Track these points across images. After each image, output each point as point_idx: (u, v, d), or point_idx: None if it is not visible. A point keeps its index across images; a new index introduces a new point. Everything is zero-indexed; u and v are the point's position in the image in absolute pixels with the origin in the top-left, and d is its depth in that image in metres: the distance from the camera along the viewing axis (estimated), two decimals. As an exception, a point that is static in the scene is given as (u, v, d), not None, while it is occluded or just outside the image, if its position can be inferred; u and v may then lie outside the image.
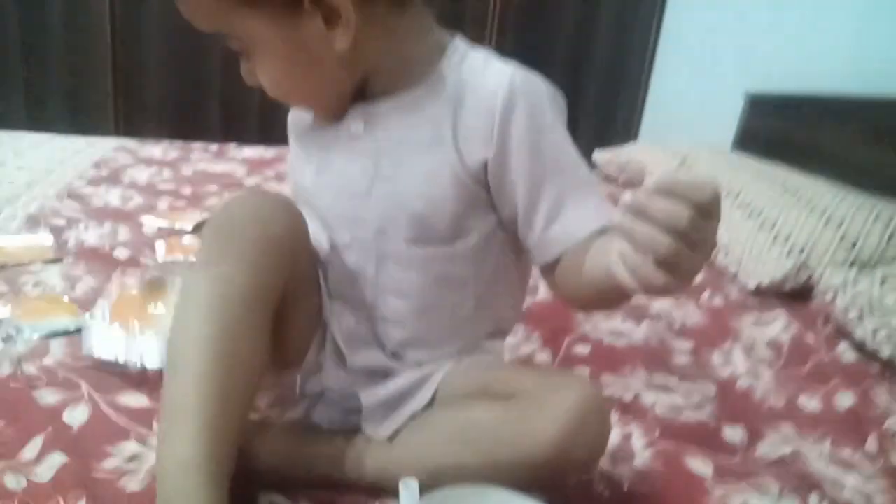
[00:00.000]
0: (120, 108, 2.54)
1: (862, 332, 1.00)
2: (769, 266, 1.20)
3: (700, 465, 0.72)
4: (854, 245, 1.18)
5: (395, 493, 0.54)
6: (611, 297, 0.58)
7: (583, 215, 0.59)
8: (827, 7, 1.80)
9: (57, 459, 0.61)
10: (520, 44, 2.69)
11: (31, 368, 0.75)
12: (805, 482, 0.71)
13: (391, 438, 0.64)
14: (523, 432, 0.57)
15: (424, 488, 0.53)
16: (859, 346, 1.01)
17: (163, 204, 1.36)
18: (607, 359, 0.92)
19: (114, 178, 1.49)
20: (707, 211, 0.39)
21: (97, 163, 1.58)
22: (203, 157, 1.75)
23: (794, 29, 1.93)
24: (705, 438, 0.77)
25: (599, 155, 1.93)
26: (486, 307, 0.69)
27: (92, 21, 2.41)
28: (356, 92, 0.63)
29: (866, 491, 0.71)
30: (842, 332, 1.04)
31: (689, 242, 0.39)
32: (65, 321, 0.83)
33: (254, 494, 0.61)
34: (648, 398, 0.84)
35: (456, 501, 0.49)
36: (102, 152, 1.68)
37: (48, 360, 0.77)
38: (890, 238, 1.19)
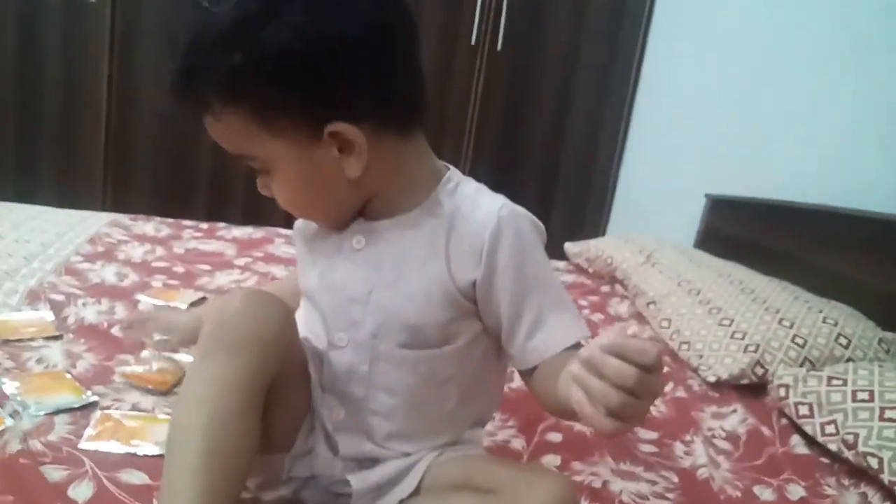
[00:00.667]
0: (109, 182, 2.62)
1: (812, 427, 1.08)
2: (727, 361, 1.29)
3: (663, 550, 0.78)
4: (805, 344, 1.29)
5: None
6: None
7: (559, 331, 0.68)
8: (780, 122, 1.99)
9: (66, 534, 0.64)
10: (494, 151, 2.87)
11: (37, 444, 0.79)
12: (757, 568, 0.77)
13: None
14: None
15: None
16: (810, 441, 1.09)
17: (157, 282, 1.42)
18: (578, 447, 0.98)
19: (108, 255, 1.55)
20: (652, 369, 0.48)
21: (92, 238, 1.64)
22: (194, 236, 1.81)
23: (752, 139, 2.11)
24: (668, 526, 0.83)
25: (570, 246, 2.05)
26: (470, 402, 0.75)
27: (88, 95, 2.53)
28: (359, 208, 0.72)
29: (813, 578, 0.77)
30: (794, 426, 1.13)
31: (636, 395, 0.48)
32: (69, 398, 0.88)
33: None
34: (616, 485, 0.90)
35: None
36: (96, 227, 1.74)
37: (52, 437, 0.81)
38: (836, 339, 1.30)
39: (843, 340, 1.29)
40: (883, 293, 1.47)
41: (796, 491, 0.95)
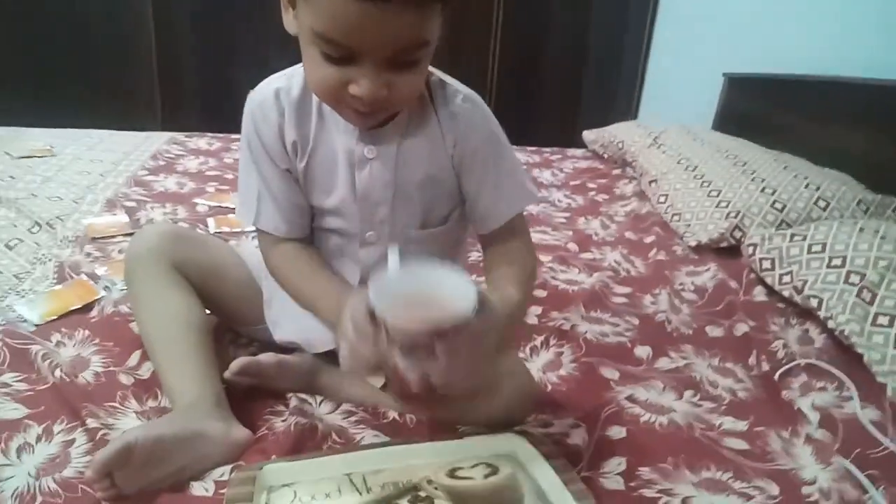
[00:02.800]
0: (163, 103, 2.86)
1: (772, 278, 1.23)
2: (710, 227, 1.43)
3: (610, 372, 0.97)
4: (784, 208, 1.41)
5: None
6: None
7: (513, 200, 0.82)
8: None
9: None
10: (522, 48, 2.91)
11: (123, 308, 1.04)
12: (686, 383, 0.95)
13: (383, 387, 0.85)
14: (483, 413, 0.78)
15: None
16: (771, 291, 1.24)
17: (210, 188, 1.65)
18: (557, 300, 1.17)
19: (169, 168, 1.79)
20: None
21: (154, 154, 1.88)
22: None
23: (767, 18, 2.11)
24: (619, 355, 1.02)
25: (587, 134, 2.16)
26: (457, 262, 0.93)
27: (134, 28, 2.72)
28: None
29: (734, 389, 0.95)
30: (759, 279, 1.27)
31: None
32: (145, 277, 1.12)
33: (283, 395, 0.87)
34: (582, 327, 1.09)
35: (423, 272, 0.64)
36: (157, 145, 1.98)
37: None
38: (816, 202, 1.41)
39: (821, 203, 1.41)
40: (884, 158, 1.53)
41: (741, 328, 1.12)
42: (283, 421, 0.80)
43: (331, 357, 0.90)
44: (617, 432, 0.83)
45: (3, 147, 1.82)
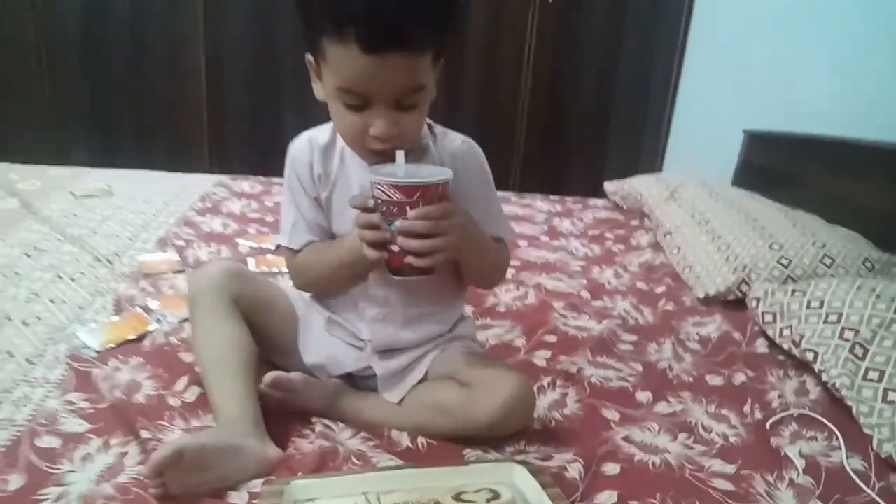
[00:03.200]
0: (212, 146, 3.05)
1: (773, 331, 1.30)
2: (718, 280, 1.51)
3: (611, 413, 1.05)
4: (789, 264, 1.48)
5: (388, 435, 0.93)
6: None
7: (499, 226, 1.00)
8: (811, 59, 2.07)
9: None
10: (549, 99, 3.06)
11: (173, 340, 1.15)
12: (681, 427, 1.03)
13: (399, 402, 0.98)
14: (472, 411, 0.90)
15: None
16: (771, 343, 1.31)
17: (252, 229, 1.79)
18: (566, 345, 1.26)
19: (215, 209, 1.94)
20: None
21: (202, 196, 2.04)
22: (281, 191, 2.18)
23: (790, 76, 2.20)
24: (621, 398, 1.10)
25: (608, 185, 2.26)
26: (456, 289, 1.04)
27: (189, 73, 2.93)
28: None
29: (727, 434, 1.02)
30: (762, 332, 1.34)
31: None
32: (192, 311, 1.24)
33: (309, 419, 0.97)
34: (588, 371, 1.17)
35: (420, 168, 0.87)
36: (205, 187, 2.13)
37: (183, 335, 1.17)
38: (821, 259, 1.48)
39: (826, 260, 1.47)
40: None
41: (740, 378, 1.19)
42: (310, 443, 0.90)
43: (350, 381, 1.03)
44: (611, 469, 0.91)
45: (67, 186, 2.00)
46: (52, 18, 2.82)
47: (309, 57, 0.87)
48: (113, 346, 1.11)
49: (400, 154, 0.84)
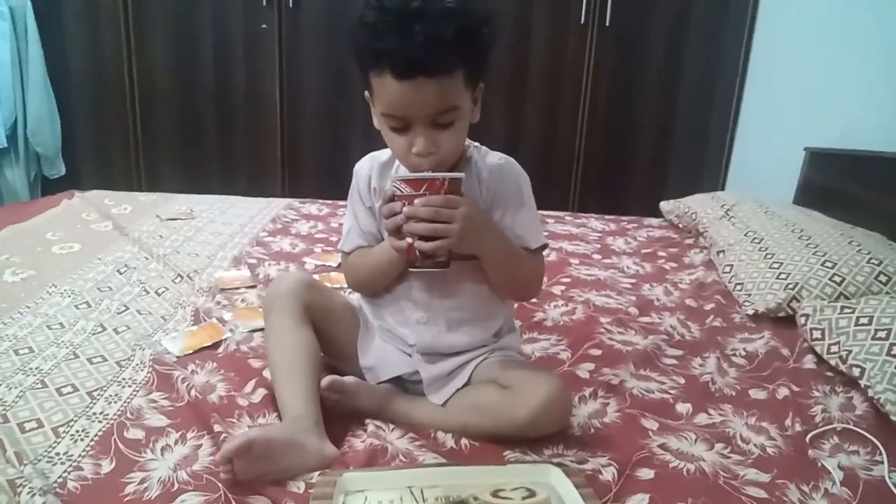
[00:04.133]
0: (286, 173, 3.25)
1: (821, 347, 1.30)
2: (768, 297, 1.51)
3: (650, 423, 1.09)
4: (842, 282, 1.47)
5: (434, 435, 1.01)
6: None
7: (530, 235, 1.07)
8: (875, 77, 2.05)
9: None
10: (609, 122, 3.11)
11: (244, 348, 1.27)
12: (719, 437, 1.05)
13: (444, 404, 1.06)
14: (511, 412, 0.98)
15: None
16: (819, 359, 1.31)
17: (318, 249, 1.92)
18: (610, 358, 1.30)
19: (285, 231, 2.08)
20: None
21: (273, 218, 2.19)
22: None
23: (851, 93, 2.17)
24: (661, 409, 1.13)
25: (664, 205, 2.28)
26: (501, 300, 1.12)
27: (266, 106, 3.14)
28: None
29: (765, 445, 1.04)
30: (811, 349, 1.34)
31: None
32: (261, 322, 1.36)
33: (362, 421, 1.06)
34: (630, 383, 1.21)
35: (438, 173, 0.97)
36: (276, 210, 2.29)
37: (253, 343, 1.29)
38: (876, 276, 1.46)
39: (882, 278, 1.46)
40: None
41: (783, 392, 1.20)
42: (362, 442, 0.99)
43: (400, 385, 1.11)
44: (645, 474, 0.95)
45: (154, 210, 2.19)
46: (145, 59, 3.09)
47: (366, 92, 0.99)
48: (191, 352, 1.23)
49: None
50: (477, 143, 1.10)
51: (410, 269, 1.01)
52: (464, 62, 0.91)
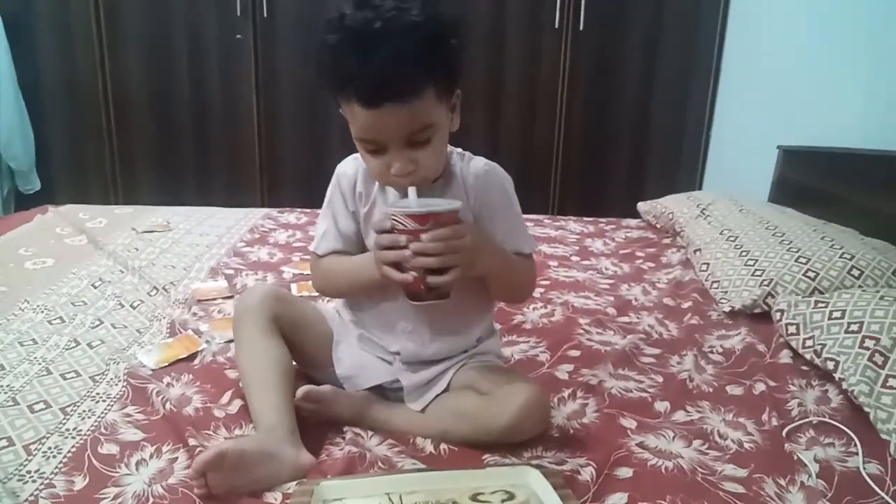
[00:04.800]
0: (264, 182, 3.23)
1: (796, 342, 1.32)
2: (744, 294, 1.53)
3: (629, 422, 1.09)
4: (816, 277, 1.49)
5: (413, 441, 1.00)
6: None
7: (520, 241, 1.06)
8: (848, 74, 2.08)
9: None
10: (585, 126, 3.13)
11: (221, 359, 1.26)
12: (697, 434, 1.06)
13: (423, 410, 1.06)
14: (490, 417, 0.97)
15: None
16: (795, 354, 1.32)
17: (295, 258, 1.91)
18: (588, 359, 1.30)
19: (262, 240, 2.07)
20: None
21: (251, 228, 2.17)
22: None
23: (824, 91, 2.21)
24: (639, 408, 1.14)
25: (641, 206, 2.30)
26: (483, 307, 1.12)
27: (243, 117, 3.13)
28: None
29: (742, 440, 1.05)
30: (786, 344, 1.36)
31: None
32: (238, 332, 1.35)
33: (341, 428, 1.05)
34: (609, 383, 1.21)
35: (432, 201, 0.94)
36: (254, 220, 2.27)
37: (229, 354, 1.27)
38: (849, 271, 1.48)
39: (855, 272, 1.48)
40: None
41: (760, 387, 1.21)
42: (340, 449, 0.98)
43: (380, 392, 1.10)
44: (624, 472, 0.95)
45: (130, 223, 2.16)
46: (120, 71, 3.06)
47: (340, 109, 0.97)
48: (166, 364, 1.22)
49: (412, 191, 0.93)
50: (460, 150, 1.08)
51: (413, 302, 0.96)
52: (433, 78, 0.88)
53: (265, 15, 2.97)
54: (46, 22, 2.99)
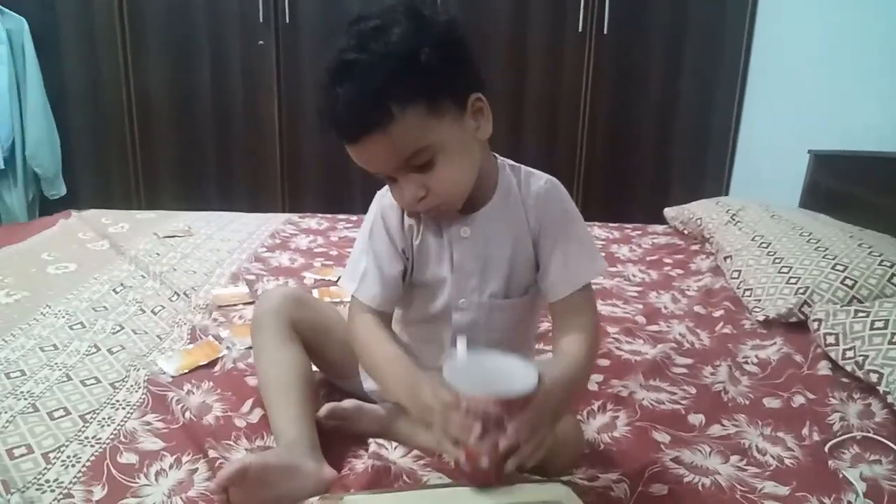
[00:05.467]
0: (285, 189, 3.23)
1: (836, 353, 1.26)
2: (779, 302, 1.47)
3: (662, 436, 1.05)
4: (854, 285, 1.43)
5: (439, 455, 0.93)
6: None
7: (580, 271, 0.93)
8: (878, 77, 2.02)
9: None
10: (609, 130, 3.08)
11: (241, 365, 1.23)
12: (734, 449, 1.01)
13: None
14: None
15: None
16: (835, 365, 1.27)
17: (317, 263, 1.89)
18: (619, 369, 1.26)
19: (284, 245, 2.05)
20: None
21: (272, 233, 2.16)
22: (345, 227, 2.28)
23: (854, 94, 2.15)
24: (673, 421, 1.09)
25: (668, 211, 2.25)
26: (531, 335, 1.07)
27: (265, 123, 3.13)
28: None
29: (782, 456, 1.00)
30: (825, 355, 1.30)
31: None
32: (259, 339, 1.33)
33: (364, 440, 1.02)
34: (640, 395, 1.17)
35: (488, 357, 0.81)
36: (275, 225, 2.26)
37: (249, 360, 1.25)
38: (890, 279, 1.42)
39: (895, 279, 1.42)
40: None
41: (799, 400, 1.16)
42: (363, 463, 0.95)
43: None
44: (658, 489, 0.91)
45: (151, 228, 2.16)
46: (143, 78, 3.08)
47: None
48: (187, 371, 1.20)
49: (461, 342, 0.81)
50: (512, 162, 0.98)
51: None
52: (416, 98, 0.79)
53: (287, 21, 2.97)
54: (72, 31, 3.01)
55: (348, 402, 1.02)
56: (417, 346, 1.04)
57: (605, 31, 2.93)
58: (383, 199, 0.97)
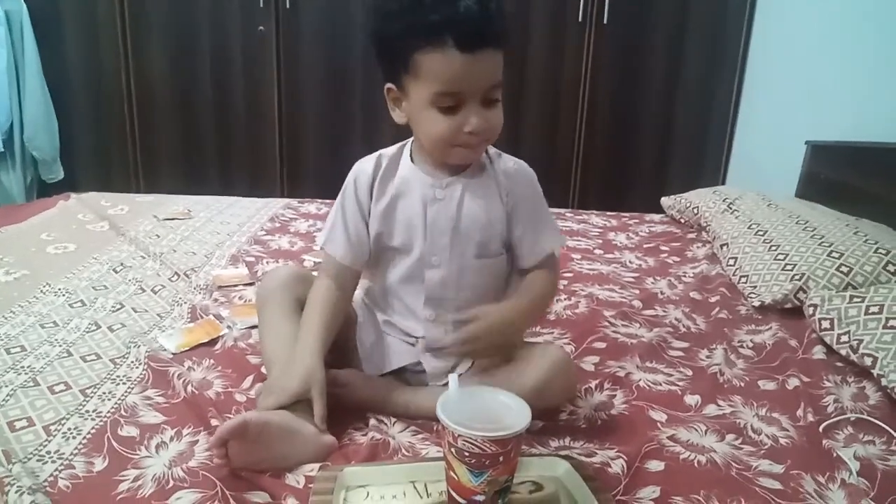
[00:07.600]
0: (284, 175, 3.23)
1: (831, 338, 1.28)
2: (774, 289, 1.48)
3: (658, 415, 1.06)
4: (850, 272, 1.44)
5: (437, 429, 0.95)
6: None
7: (546, 241, 1.04)
8: (875, 68, 2.03)
9: None
10: (609, 121, 3.10)
11: (242, 344, 1.24)
12: (730, 428, 1.02)
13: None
14: (518, 379, 0.96)
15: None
16: (829, 350, 1.28)
17: (316, 247, 1.89)
18: (615, 351, 1.27)
19: (283, 229, 2.06)
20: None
21: (272, 217, 2.16)
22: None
23: (851, 85, 2.16)
24: (669, 401, 1.11)
25: (665, 200, 2.26)
26: (503, 294, 1.09)
27: (265, 108, 3.12)
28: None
29: (777, 436, 1.01)
30: (819, 339, 1.31)
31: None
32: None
33: (363, 415, 1.03)
34: (636, 375, 1.18)
35: (479, 394, 0.83)
36: (275, 209, 2.26)
37: (251, 340, 1.26)
38: (885, 266, 1.44)
39: (890, 267, 1.43)
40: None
41: (794, 382, 1.17)
42: (364, 435, 0.96)
43: (401, 377, 1.09)
44: (655, 466, 0.92)
45: (151, 211, 2.16)
46: (143, 64, 3.07)
47: (389, 85, 0.97)
48: (187, 349, 1.20)
49: (453, 380, 0.83)
50: (494, 149, 1.08)
51: None
52: (508, 37, 0.92)
53: (287, 7, 2.96)
54: (73, 14, 2.99)
55: (345, 371, 1.05)
56: (393, 310, 1.09)
57: (605, 21, 2.93)
58: (360, 163, 1.07)
